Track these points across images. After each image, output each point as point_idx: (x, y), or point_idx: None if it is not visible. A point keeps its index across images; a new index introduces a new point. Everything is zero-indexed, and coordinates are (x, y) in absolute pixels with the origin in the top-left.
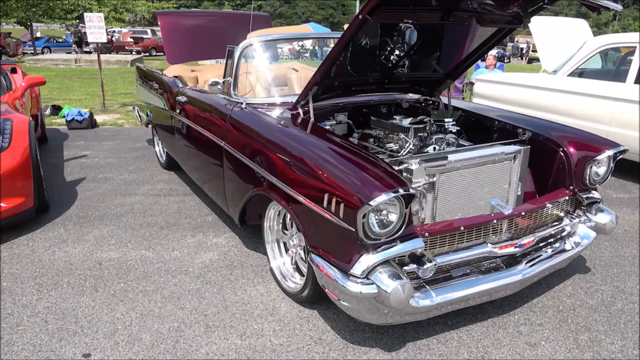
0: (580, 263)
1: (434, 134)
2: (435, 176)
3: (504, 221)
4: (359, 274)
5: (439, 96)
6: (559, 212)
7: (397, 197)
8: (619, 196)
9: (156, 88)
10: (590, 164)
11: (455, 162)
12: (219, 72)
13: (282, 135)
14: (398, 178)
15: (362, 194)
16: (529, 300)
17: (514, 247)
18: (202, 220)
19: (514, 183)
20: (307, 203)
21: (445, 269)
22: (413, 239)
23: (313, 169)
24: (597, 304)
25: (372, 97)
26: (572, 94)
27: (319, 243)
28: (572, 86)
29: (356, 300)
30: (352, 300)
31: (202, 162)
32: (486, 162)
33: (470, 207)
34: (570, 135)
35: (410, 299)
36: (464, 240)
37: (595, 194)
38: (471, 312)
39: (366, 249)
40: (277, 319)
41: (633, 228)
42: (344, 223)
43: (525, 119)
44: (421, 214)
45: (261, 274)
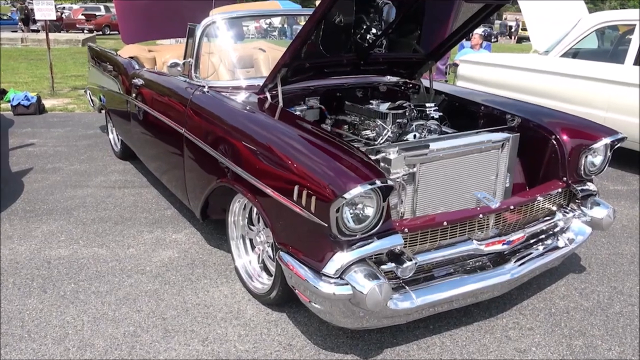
0: (574, 262)
1: (414, 120)
2: (416, 166)
3: (490, 216)
4: (332, 273)
5: (419, 79)
6: (551, 206)
7: (374, 190)
8: (617, 188)
9: (110, 70)
10: (586, 153)
11: (438, 151)
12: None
13: (247, 122)
14: (375, 168)
15: (335, 185)
16: (518, 302)
17: (501, 244)
18: (160, 215)
19: (502, 174)
20: (275, 196)
21: (427, 268)
22: (391, 235)
23: (282, 159)
24: (592, 306)
25: (347, 79)
26: (565, 76)
27: (288, 240)
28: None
29: (329, 302)
30: (325, 302)
31: (160, 151)
32: (471, 151)
33: (454, 201)
34: (564, 122)
35: (388, 301)
36: (447, 236)
37: (590, 186)
38: (455, 315)
39: (340, 246)
40: (242, 323)
41: (632, 223)
42: (316, 218)
43: (514, 103)
44: (400, 207)
45: (225, 273)
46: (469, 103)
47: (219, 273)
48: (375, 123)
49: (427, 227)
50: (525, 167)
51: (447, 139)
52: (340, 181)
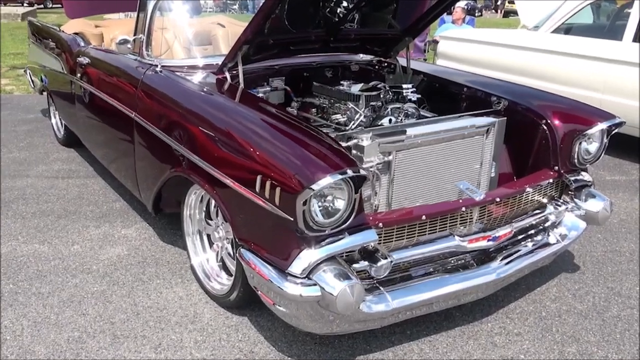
0: (567, 260)
1: (389, 103)
2: (392, 154)
3: (474, 209)
4: (298, 272)
5: (395, 57)
6: (541, 198)
7: (345, 180)
8: (614, 178)
9: (52, 47)
10: (579, 139)
11: (416, 137)
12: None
13: (205, 105)
14: (346, 156)
15: (302, 175)
16: (505, 304)
17: (486, 240)
18: (108, 208)
19: (487, 163)
20: (236, 187)
21: (404, 267)
22: (364, 230)
23: (243, 146)
24: (587, 309)
25: (315, 58)
26: (557, 54)
27: (250, 235)
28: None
29: (295, 304)
30: (291, 304)
31: (108, 137)
32: (453, 137)
33: (434, 192)
34: (555, 105)
35: (361, 303)
36: (426, 232)
37: (585, 176)
38: (435, 319)
39: (307, 243)
40: (199, 328)
41: (631, 217)
42: (281, 211)
43: (501, 84)
44: (374, 200)
45: (180, 272)
46: (450, 84)
47: (173, 272)
48: (346, 106)
49: (403, 221)
50: (513, 155)
51: (426, 123)
52: (308, 170)
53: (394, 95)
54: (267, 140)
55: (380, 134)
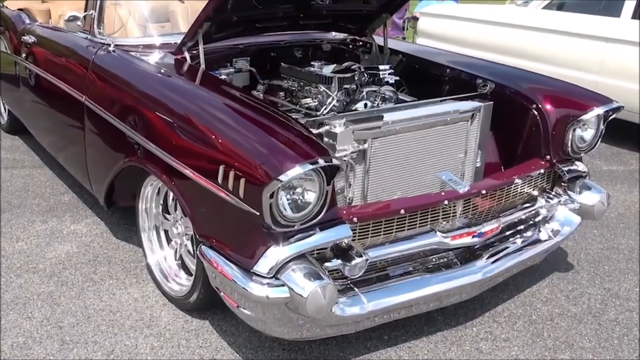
0: (560, 258)
1: (365, 86)
2: (367, 142)
3: (458, 202)
4: (265, 272)
5: (371, 36)
6: (531, 190)
7: (316, 170)
8: (612, 169)
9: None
10: (573, 125)
11: (394, 123)
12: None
13: (162, 88)
14: (317, 145)
15: (269, 165)
16: (491, 307)
17: (471, 236)
18: (56, 201)
19: (472, 151)
20: (196, 178)
21: (381, 265)
22: (337, 225)
23: (204, 133)
24: (582, 312)
25: (283, 36)
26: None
27: (211, 231)
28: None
29: (261, 307)
30: (256, 307)
31: (56, 124)
32: (435, 124)
33: (414, 184)
34: (547, 88)
35: (334, 306)
36: (404, 227)
37: (579, 166)
38: (415, 323)
39: (275, 240)
40: (155, 333)
41: (630, 211)
42: (246, 204)
43: (487, 65)
44: (348, 192)
45: (135, 272)
46: (431, 65)
47: (127, 272)
48: (317, 89)
49: (380, 215)
50: (500, 143)
51: (405, 108)
52: (275, 160)
53: (369, 78)
54: (231, 127)
55: (354, 119)
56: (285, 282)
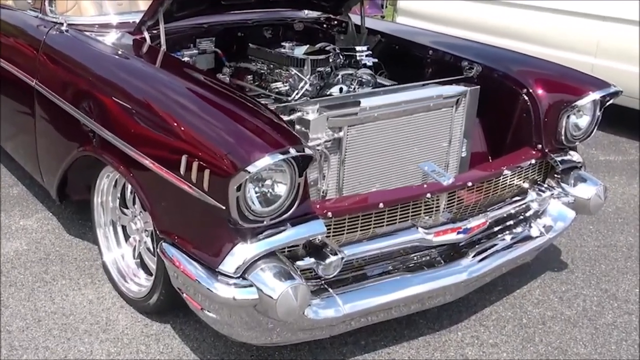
0: (552, 256)
1: (340, 69)
2: (343, 130)
3: (441, 195)
4: (231, 271)
5: (347, 14)
6: (522, 183)
7: (287, 161)
8: (609, 159)
9: None
10: (567, 112)
11: (371, 109)
12: None
13: (120, 71)
14: (288, 133)
15: (235, 155)
16: (478, 309)
17: (456, 232)
18: (4, 194)
19: (457, 140)
20: (156, 169)
21: (358, 264)
22: (310, 221)
23: (165, 120)
24: (577, 315)
25: (251, 15)
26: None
27: (173, 227)
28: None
29: (228, 309)
30: (222, 309)
31: (3, 110)
32: (416, 110)
33: (393, 175)
34: (538, 71)
35: (306, 308)
36: (383, 222)
37: (574, 155)
38: (395, 327)
39: (242, 236)
40: (112, 338)
41: (629, 205)
42: (210, 198)
43: (473, 46)
44: (322, 185)
45: (90, 271)
46: (412, 46)
47: (81, 271)
48: (288, 73)
49: (357, 210)
50: (488, 131)
51: (384, 93)
52: (242, 149)
53: (345, 60)
54: (194, 113)
55: (329, 105)
56: (253, 282)
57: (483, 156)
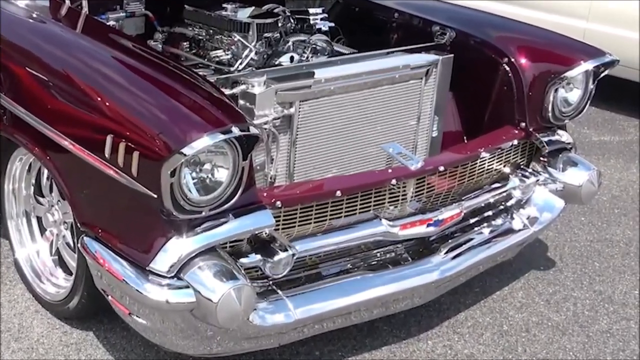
0: (538, 252)
1: (291, 35)
2: (294, 106)
3: (409, 182)
4: (164, 270)
5: None
6: (502, 167)
7: (229, 141)
8: (604, 139)
9: None
10: (555, 84)
11: (327, 81)
12: None
13: (34, 37)
14: (230, 109)
15: (169, 135)
16: (452, 314)
17: (426, 225)
18: None
19: (427, 117)
20: (77, 151)
21: (311, 262)
22: (256, 211)
23: (87, 94)
24: (566, 321)
25: None
26: None
27: (97, 219)
28: None
29: (160, 314)
30: (154, 314)
31: None
32: (379, 82)
33: (353, 159)
34: (522, 37)
35: (252, 313)
36: (341, 213)
37: (563, 135)
38: (355, 335)
39: (177, 229)
40: (26, 347)
41: (627, 193)
42: (140, 185)
43: (446, 8)
44: (270, 169)
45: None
46: (375, 8)
47: None
48: (230, 39)
49: (310, 199)
50: (463, 107)
51: (342, 63)
52: (177, 128)
53: (297, 24)
54: (121, 87)
55: (277, 77)
56: (190, 283)
57: (457, 136)
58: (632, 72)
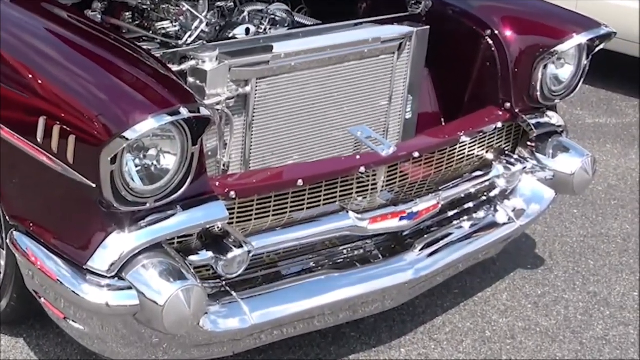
0: (525, 249)
1: (246, 4)
2: (250, 84)
3: (379, 170)
4: (104, 269)
5: None
6: (484, 153)
7: (177, 124)
8: (599, 121)
9: None
10: (545, 60)
11: (288, 56)
12: None
13: None
14: (179, 88)
15: (109, 117)
16: (427, 319)
17: (398, 218)
18: None
19: (400, 97)
20: (6, 135)
21: (270, 260)
22: (207, 203)
23: (17, 71)
24: (556, 326)
25: None
26: None
27: (28, 211)
28: None
29: (99, 319)
30: (92, 319)
31: None
32: (346, 58)
33: (316, 144)
34: (507, 7)
35: (202, 318)
36: (303, 205)
37: (553, 117)
38: (319, 342)
39: (119, 223)
40: None
41: (625, 182)
42: (76, 173)
43: None
44: (223, 156)
45: None
46: None
47: None
48: (179, 9)
49: (268, 188)
50: (440, 86)
51: (304, 36)
52: (119, 109)
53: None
54: (55, 62)
55: (232, 52)
56: (132, 283)
57: (434, 118)
58: (631, 46)
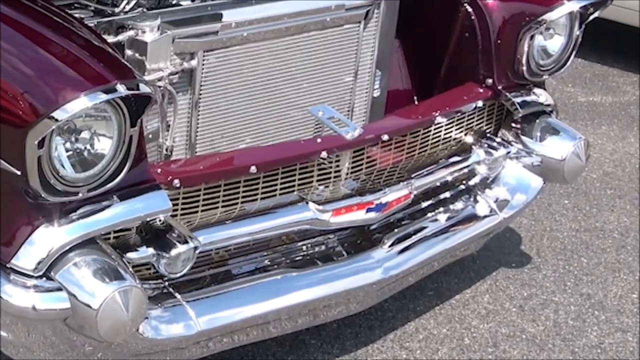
0: (509, 245)
1: None
2: (197, 57)
3: (343, 154)
4: (30, 268)
5: None
6: (463, 135)
7: (114, 103)
8: (593, 100)
9: None
10: (532, 30)
11: (239, 26)
12: None
13: None
14: (115, 62)
15: (36, 95)
16: (399, 324)
17: (365, 210)
18: None
19: (367, 72)
20: None
21: (219, 258)
22: (148, 192)
23: None
24: (545, 332)
25: None
26: None
27: None
28: None
29: (25, 325)
30: (17, 325)
31: None
32: (305, 27)
33: (271, 125)
34: None
35: (142, 323)
36: (257, 195)
37: (541, 95)
38: (274, 351)
39: (47, 216)
40: None
41: (622, 169)
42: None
43: None
44: (166, 139)
45: None
46: None
47: None
48: None
49: (217, 176)
50: (413, 59)
51: (258, 3)
52: (46, 86)
53: None
54: None
55: (175, 20)
56: (63, 284)
57: (406, 96)
58: (629, 14)
